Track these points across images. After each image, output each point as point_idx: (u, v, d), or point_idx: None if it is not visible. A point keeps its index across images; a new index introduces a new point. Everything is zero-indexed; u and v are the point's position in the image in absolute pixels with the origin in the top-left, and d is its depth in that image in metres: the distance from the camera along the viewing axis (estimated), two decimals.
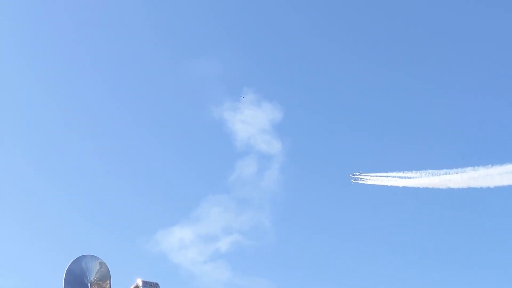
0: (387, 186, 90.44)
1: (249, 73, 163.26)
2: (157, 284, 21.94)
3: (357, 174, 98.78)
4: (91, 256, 23.38)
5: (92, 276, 23.13)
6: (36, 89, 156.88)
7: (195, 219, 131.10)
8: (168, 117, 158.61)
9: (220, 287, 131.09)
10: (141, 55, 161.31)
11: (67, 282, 22.54)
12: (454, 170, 79.99)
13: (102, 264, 23.44)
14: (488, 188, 74.84)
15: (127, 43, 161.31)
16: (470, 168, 77.25)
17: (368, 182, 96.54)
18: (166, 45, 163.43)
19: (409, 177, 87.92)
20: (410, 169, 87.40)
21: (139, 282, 22.00)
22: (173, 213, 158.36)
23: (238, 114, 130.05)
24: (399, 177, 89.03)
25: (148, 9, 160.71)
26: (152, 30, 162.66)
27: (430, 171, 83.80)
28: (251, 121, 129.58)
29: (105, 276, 23.43)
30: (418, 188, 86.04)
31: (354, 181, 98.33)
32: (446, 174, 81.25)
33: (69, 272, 22.75)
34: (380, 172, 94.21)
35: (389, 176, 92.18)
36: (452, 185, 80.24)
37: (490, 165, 76.12)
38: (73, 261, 23.02)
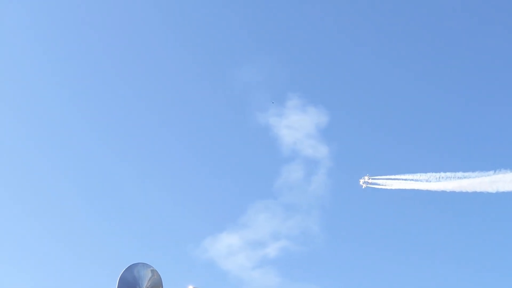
0: (405, 189, 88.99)
1: (293, 78, 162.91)
2: None
3: (367, 178, 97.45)
4: (143, 264, 23.58)
5: (145, 283, 23.32)
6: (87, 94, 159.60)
7: (242, 225, 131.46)
8: (214, 125, 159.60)
9: None
10: (185, 66, 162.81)
11: None
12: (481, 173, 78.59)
13: (154, 271, 23.64)
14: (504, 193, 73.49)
15: (172, 53, 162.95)
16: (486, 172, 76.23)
17: (381, 186, 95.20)
18: (209, 54, 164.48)
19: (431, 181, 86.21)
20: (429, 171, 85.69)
21: None
22: (221, 219, 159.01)
23: (283, 119, 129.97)
24: (413, 179, 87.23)
25: (191, 19, 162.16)
26: (194, 39, 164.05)
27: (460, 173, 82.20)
28: (297, 126, 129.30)
29: (157, 284, 23.64)
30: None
31: (365, 185, 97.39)
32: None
33: (122, 280, 22.98)
34: (397, 174, 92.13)
35: (400, 179, 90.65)
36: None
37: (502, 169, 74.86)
38: (126, 269, 23.25)
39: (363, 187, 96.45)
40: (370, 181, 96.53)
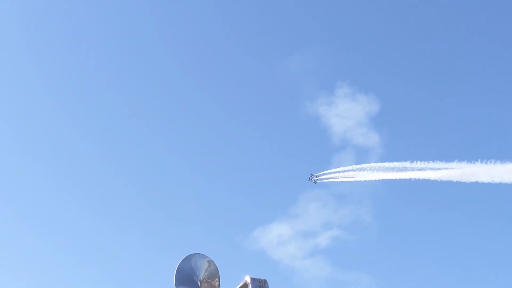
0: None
1: (342, 66, 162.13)
2: (265, 281, 22.12)
3: (314, 175, 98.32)
4: (200, 254, 23.89)
5: (202, 274, 23.63)
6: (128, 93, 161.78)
7: (293, 215, 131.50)
8: (264, 114, 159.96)
9: (320, 282, 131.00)
10: (235, 55, 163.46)
11: (178, 280, 23.13)
12: None
13: (210, 262, 23.91)
14: None
15: (222, 43, 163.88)
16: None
17: (327, 180, 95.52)
18: (259, 43, 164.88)
19: None
20: None
21: (248, 279, 22.23)
22: (271, 210, 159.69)
23: (333, 108, 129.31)
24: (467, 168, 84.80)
25: (241, 9, 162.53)
26: (244, 29, 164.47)
27: None
28: (347, 114, 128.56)
29: (214, 274, 23.90)
30: None
31: (314, 183, 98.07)
32: None
33: (180, 271, 23.34)
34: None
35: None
36: None
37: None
38: (183, 259, 23.61)
39: (314, 183, 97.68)
40: (317, 178, 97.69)
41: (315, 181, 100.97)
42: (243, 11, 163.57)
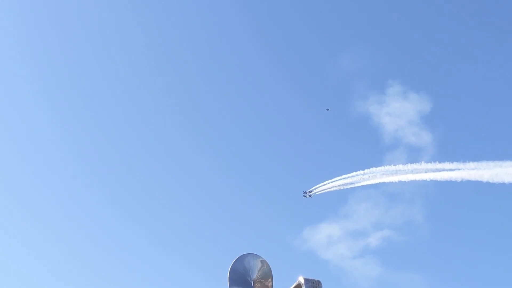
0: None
1: (393, 64, 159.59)
2: (319, 282, 21.99)
3: (308, 191, 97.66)
4: (253, 254, 23.84)
5: (255, 274, 23.58)
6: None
7: (343, 215, 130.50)
8: (315, 114, 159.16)
9: (370, 283, 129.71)
10: (285, 55, 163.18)
11: (231, 279, 23.13)
12: None
13: (263, 262, 23.84)
14: None
15: (272, 43, 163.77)
16: None
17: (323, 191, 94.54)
18: (309, 42, 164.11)
19: None
20: None
21: (301, 280, 22.12)
22: (321, 210, 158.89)
23: (384, 107, 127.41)
24: None
25: (291, 7, 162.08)
26: (294, 28, 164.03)
27: None
28: (398, 113, 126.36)
29: (267, 274, 23.84)
30: None
31: (308, 197, 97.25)
32: None
33: (233, 270, 23.36)
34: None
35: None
36: None
37: None
38: (236, 259, 23.62)
39: (308, 197, 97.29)
40: (311, 192, 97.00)
41: (310, 196, 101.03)
42: (292, 11, 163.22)
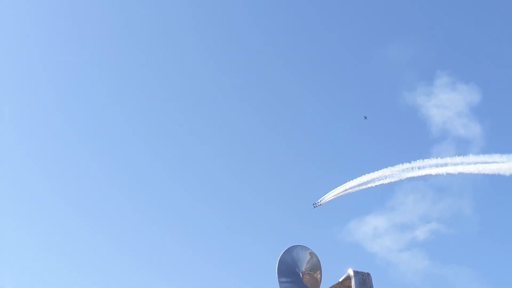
0: None
1: (441, 55, 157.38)
2: (368, 274, 21.79)
3: (318, 202, 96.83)
4: (302, 246, 23.78)
5: (304, 266, 23.53)
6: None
7: (390, 207, 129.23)
8: (362, 106, 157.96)
9: (417, 275, 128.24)
10: (332, 47, 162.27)
11: (280, 271, 23.12)
12: None
13: (312, 254, 23.76)
14: None
15: (318, 34, 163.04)
16: None
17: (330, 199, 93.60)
18: (355, 34, 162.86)
19: None
20: None
21: (351, 272, 21.95)
22: (367, 202, 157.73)
23: (432, 98, 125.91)
24: None
25: None
26: (340, 19, 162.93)
27: None
28: (447, 105, 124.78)
29: (316, 266, 23.76)
30: None
31: (317, 206, 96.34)
32: None
33: (282, 262, 23.33)
34: None
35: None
36: None
37: None
38: (285, 251, 23.59)
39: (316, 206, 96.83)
40: (320, 202, 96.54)
41: (320, 204, 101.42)
42: (340, 1, 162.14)
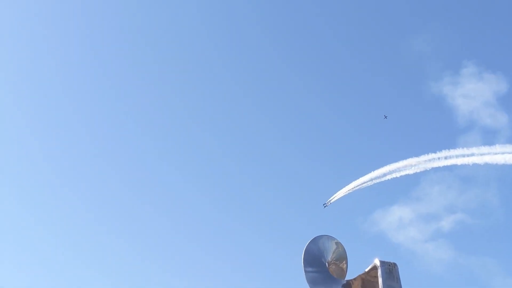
0: None
1: (468, 45, 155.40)
2: (395, 264, 21.71)
3: (328, 201, 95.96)
4: (328, 236, 23.73)
5: (330, 256, 23.50)
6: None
7: (415, 198, 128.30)
8: (387, 95, 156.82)
9: (442, 266, 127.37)
10: (358, 36, 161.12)
11: (306, 261, 23.10)
12: None
13: (338, 244, 23.72)
14: None
15: (345, 24, 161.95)
16: None
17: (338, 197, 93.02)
18: (382, 24, 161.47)
19: None
20: None
21: (377, 262, 21.87)
22: (392, 192, 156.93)
23: (458, 88, 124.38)
24: None
25: None
26: (367, 9, 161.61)
27: None
28: (473, 94, 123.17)
29: (342, 256, 23.72)
30: None
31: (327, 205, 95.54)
32: None
33: (308, 252, 23.32)
34: None
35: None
36: None
37: None
38: (311, 241, 23.57)
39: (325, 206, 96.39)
40: (330, 201, 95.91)
41: (330, 203, 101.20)
42: None
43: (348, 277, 23.27)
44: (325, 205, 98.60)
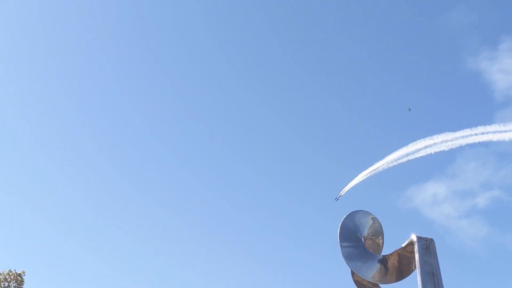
0: None
1: (506, 19, 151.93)
2: (432, 240, 21.57)
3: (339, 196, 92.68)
4: (364, 211, 23.62)
5: (366, 231, 23.40)
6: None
7: (450, 174, 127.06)
8: (424, 70, 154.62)
9: (476, 243, 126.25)
10: (395, 10, 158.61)
11: (342, 235, 23.05)
12: None
13: (374, 219, 23.61)
14: None
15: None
16: None
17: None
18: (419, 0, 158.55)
19: None
20: None
21: (414, 237, 21.75)
22: (427, 168, 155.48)
23: (496, 63, 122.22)
24: None
25: None
26: None
27: None
28: (511, 70, 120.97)
29: (378, 232, 23.63)
30: None
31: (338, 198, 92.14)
32: None
33: (344, 227, 23.27)
34: None
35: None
36: None
37: None
38: (347, 216, 23.51)
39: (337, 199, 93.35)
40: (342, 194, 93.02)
41: (338, 198, 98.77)
42: None
43: (384, 252, 23.22)
44: (337, 199, 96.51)
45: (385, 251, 23.27)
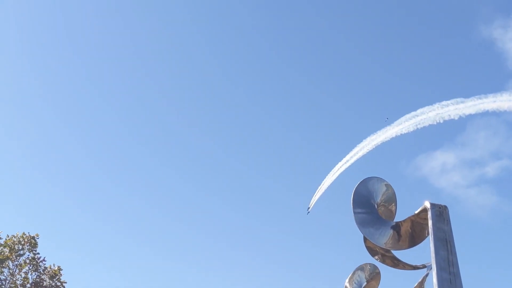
0: None
1: None
2: (445, 207, 21.56)
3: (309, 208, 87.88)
4: (377, 178, 23.64)
5: (379, 197, 23.46)
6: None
7: (460, 143, 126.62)
8: (435, 38, 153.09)
9: (484, 212, 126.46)
10: None
11: (355, 202, 23.14)
12: None
13: (388, 186, 23.64)
14: None
15: None
16: None
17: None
18: None
19: None
20: None
21: (427, 204, 21.74)
22: (436, 137, 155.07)
23: (509, 31, 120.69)
24: None
25: None
26: None
27: None
28: None
29: (391, 199, 23.68)
30: None
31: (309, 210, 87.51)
32: None
33: (357, 193, 23.33)
34: None
35: None
36: None
37: None
38: (360, 182, 23.55)
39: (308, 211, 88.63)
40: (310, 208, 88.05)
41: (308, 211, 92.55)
42: None
43: (397, 219, 23.31)
44: (308, 211, 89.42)
45: (398, 218, 23.35)
